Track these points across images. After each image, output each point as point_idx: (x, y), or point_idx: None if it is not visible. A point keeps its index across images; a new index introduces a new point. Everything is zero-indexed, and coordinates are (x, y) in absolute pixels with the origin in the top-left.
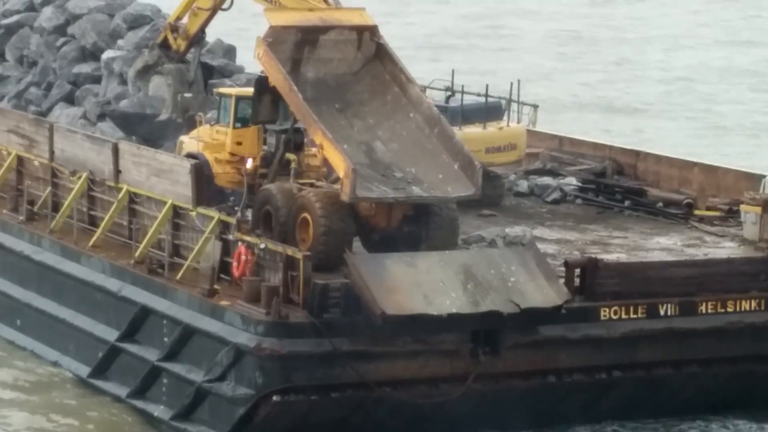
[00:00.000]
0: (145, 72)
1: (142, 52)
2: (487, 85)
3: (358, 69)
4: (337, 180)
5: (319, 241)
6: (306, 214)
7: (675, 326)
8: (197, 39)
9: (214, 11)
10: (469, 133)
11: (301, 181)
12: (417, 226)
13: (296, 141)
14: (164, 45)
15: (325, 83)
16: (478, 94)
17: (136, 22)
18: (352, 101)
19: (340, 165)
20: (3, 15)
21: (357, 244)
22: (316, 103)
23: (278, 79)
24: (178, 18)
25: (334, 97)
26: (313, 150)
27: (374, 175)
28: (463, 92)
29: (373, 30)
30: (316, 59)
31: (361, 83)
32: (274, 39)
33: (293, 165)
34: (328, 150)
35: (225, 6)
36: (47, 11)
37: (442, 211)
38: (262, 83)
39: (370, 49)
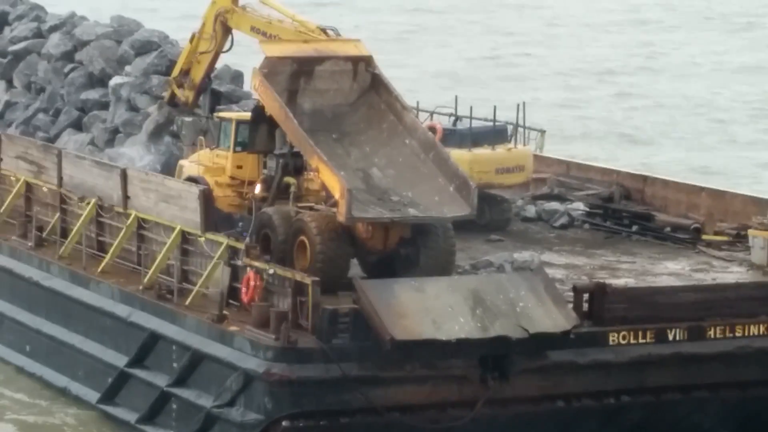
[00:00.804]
0: (158, 133)
1: (154, 110)
2: (495, 107)
3: (354, 100)
4: (335, 204)
5: (316, 265)
6: (303, 237)
7: (683, 351)
8: (204, 86)
9: (216, 54)
10: (479, 154)
11: (300, 204)
12: (414, 249)
13: (296, 165)
14: (172, 101)
15: (321, 114)
16: (485, 119)
17: (144, 48)
18: (348, 131)
19: (335, 187)
20: (11, 42)
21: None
22: (313, 134)
23: (274, 107)
24: (181, 71)
25: (330, 128)
26: (312, 174)
27: (371, 199)
28: (471, 117)
29: (368, 60)
30: (312, 90)
31: (358, 113)
32: (270, 70)
33: (292, 188)
34: (324, 173)
35: (225, 48)
36: (55, 38)
37: (439, 234)
38: (258, 113)
39: (366, 79)
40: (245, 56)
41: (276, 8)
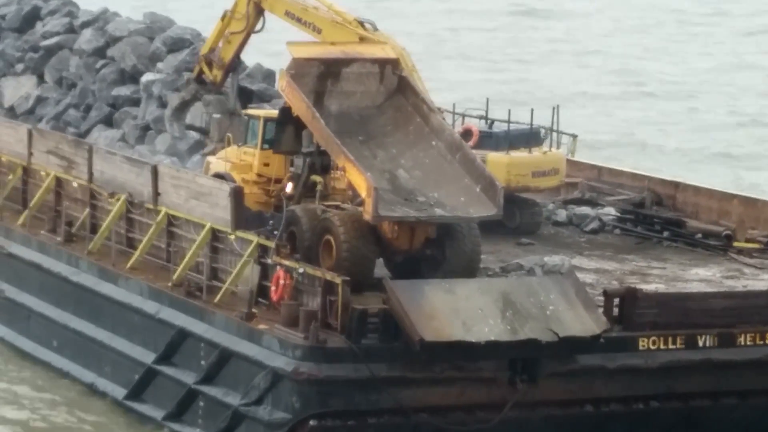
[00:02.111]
0: (182, 109)
1: (180, 86)
2: (532, 110)
3: (381, 102)
4: (362, 203)
5: (342, 264)
6: (329, 236)
7: (713, 357)
8: (233, 66)
9: (247, 35)
10: (516, 157)
11: (326, 203)
12: (440, 250)
13: (322, 163)
14: (199, 79)
15: (348, 116)
16: (517, 122)
17: (176, 45)
18: (375, 133)
19: (362, 185)
20: (43, 36)
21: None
22: (339, 136)
23: (301, 108)
24: (211, 49)
25: (357, 130)
26: (339, 173)
27: (397, 199)
28: (509, 120)
29: (395, 63)
30: (339, 92)
31: (384, 116)
32: (297, 71)
33: (319, 187)
34: (351, 172)
35: (258, 28)
36: (87, 33)
37: (465, 235)
38: (285, 114)
39: (393, 82)
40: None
41: None
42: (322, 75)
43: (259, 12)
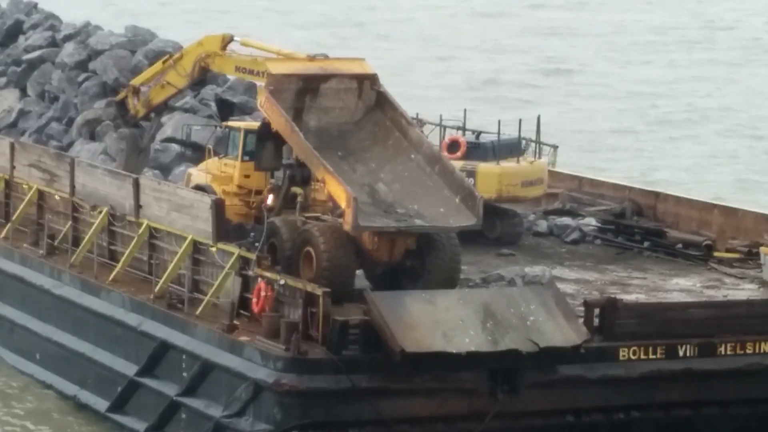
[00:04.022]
0: (92, 124)
1: (100, 104)
2: (520, 120)
3: (360, 118)
4: (342, 214)
5: (322, 275)
6: (309, 248)
7: (694, 367)
8: (159, 110)
9: (180, 91)
10: (507, 167)
11: (306, 214)
12: (420, 261)
13: (303, 175)
14: (122, 104)
15: (327, 132)
16: (498, 133)
17: (158, 58)
18: (354, 149)
19: (341, 196)
20: (25, 50)
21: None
22: (318, 151)
23: (280, 123)
24: (144, 83)
25: (336, 146)
26: (319, 185)
27: (377, 212)
28: (499, 131)
29: (373, 79)
30: (318, 108)
31: (363, 131)
32: (276, 87)
33: (299, 199)
34: (330, 183)
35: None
36: (69, 47)
37: (444, 246)
38: (264, 130)
39: (371, 97)
40: None
41: (259, 47)
42: (301, 91)
43: (204, 73)
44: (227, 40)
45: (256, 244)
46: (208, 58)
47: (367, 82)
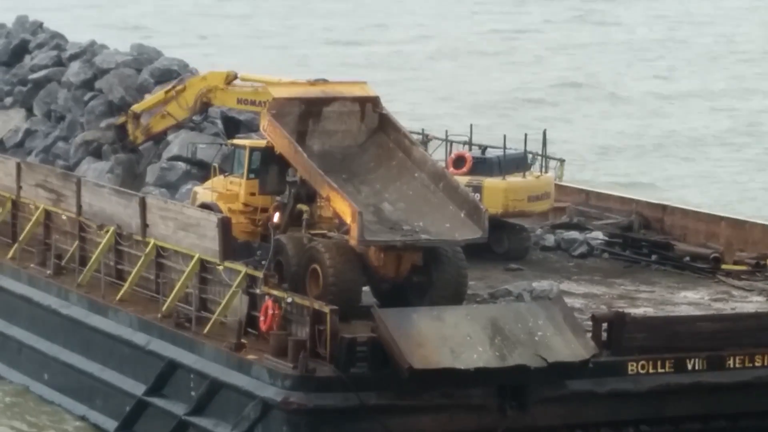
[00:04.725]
0: (90, 144)
1: (100, 126)
2: (526, 135)
3: (363, 141)
4: (348, 231)
5: (329, 291)
6: (316, 265)
7: (702, 381)
8: (157, 139)
9: (180, 123)
10: (513, 182)
11: (313, 231)
12: (426, 277)
13: (308, 192)
14: (122, 129)
15: (331, 155)
16: (504, 148)
17: (164, 76)
18: (358, 171)
19: (346, 211)
20: (31, 70)
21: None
22: None
23: (283, 144)
24: (145, 111)
25: (340, 169)
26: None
27: (382, 229)
28: (505, 146)
29: (375, 101)
30: (321, 132)
31: (367, 154)
32: (278, 111)
33: (305, 216)
34: (335, 200)
35: (198, 119)
36: (75, 66)
37: (451, 261)
38: (268, 154)
39: (374, 120)
40: None
41: (258, 80)
42: (304, 114)
43: (205, 107)
44: (231, 77)
45: (263, 262)
46: (210, 93)
47: (369, 104)
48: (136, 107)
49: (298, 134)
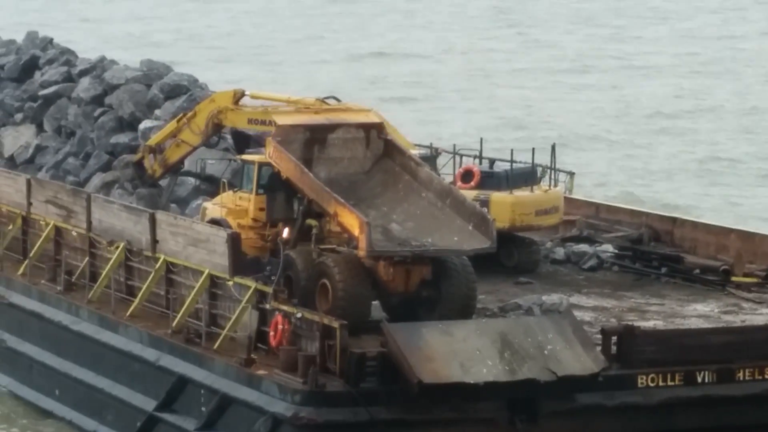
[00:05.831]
0: (111, 185)
1: (118, 166)
2: (533, 149)
3: (369, 168)
4: (356, 245)
5: (338, 306)
6: (325, 280)
7: (712, 393)
8: (175, 169)
9: (195, 149)
10: (520, 196)
11: (322, 246)
12: (436, 290)
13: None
14: (139, 165)
15: (337, 182)
16: (512, 161)
17: (173, 92)
18: (365, 196)
19: (354, 224)
20: (41, 86)
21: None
22: None
23: (289, 168)
24: (159, 143)
25: (347, 195)
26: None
27: (391, 245)
28: (512, 159)
29: (379, 127)
30: (327, 159)
31: (373, 180)
32: (283, 138)
33: (314, 230)
34: (343, 214)
35: (212, 142)
36: (85, 82)
37: (460, 273)
38: (274, 180)
39: (379, 146)
40: None
41: (268, 98)
42: (309, 141)
43: (217, 129)
44: (239, 95)
45: (273, 278)
46: (221, 114)
47: (373, 131)
48: (151, 141)
49: (303, 162)
